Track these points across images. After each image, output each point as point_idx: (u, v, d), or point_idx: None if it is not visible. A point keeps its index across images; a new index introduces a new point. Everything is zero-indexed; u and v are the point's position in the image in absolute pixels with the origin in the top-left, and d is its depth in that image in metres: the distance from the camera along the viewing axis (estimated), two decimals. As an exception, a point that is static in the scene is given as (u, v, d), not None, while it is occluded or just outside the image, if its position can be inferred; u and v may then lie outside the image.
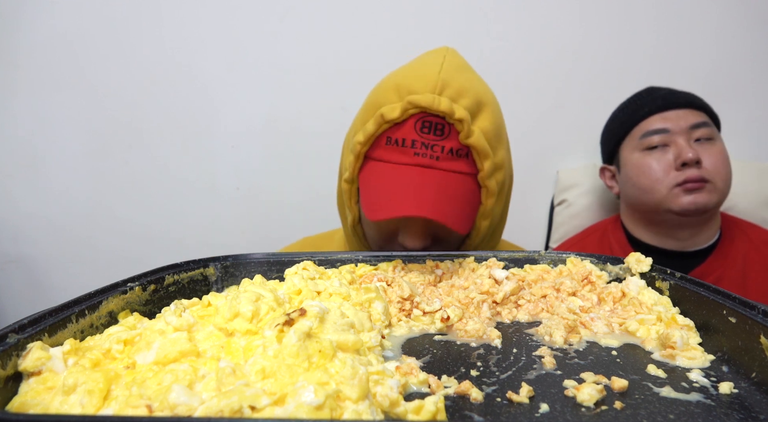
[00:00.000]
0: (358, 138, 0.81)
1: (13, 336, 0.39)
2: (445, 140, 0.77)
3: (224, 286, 0.67)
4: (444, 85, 0.77)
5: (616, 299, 0.59)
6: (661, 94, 1.21)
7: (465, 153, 0.78)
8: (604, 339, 0.51)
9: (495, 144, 0.80)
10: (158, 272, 0.59)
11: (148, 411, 0.32)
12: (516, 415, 0.37)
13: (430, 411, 0.35)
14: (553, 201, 1.58)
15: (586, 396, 0.38)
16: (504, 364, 0.45)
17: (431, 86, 0.77)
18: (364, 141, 0.80)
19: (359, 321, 0.47)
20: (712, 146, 1.16)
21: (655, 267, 0.61)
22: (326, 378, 0.35)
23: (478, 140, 0.77)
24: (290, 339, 0.37)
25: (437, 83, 0.77)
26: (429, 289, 0.62)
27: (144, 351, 0.40)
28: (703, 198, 1.12)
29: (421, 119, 0.77)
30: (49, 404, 0.35)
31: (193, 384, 0.35)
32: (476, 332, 0.51)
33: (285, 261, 0.69)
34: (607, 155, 1.33)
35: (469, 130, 0.76)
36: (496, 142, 0.81)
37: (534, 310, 0.58)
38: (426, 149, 0.77)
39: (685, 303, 0.54)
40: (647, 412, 0.36)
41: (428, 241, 0.82)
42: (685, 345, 0.46)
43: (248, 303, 0.45)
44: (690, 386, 0.41)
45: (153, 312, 0.55)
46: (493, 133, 0.80)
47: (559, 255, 0.70)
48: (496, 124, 0.81)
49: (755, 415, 0.36)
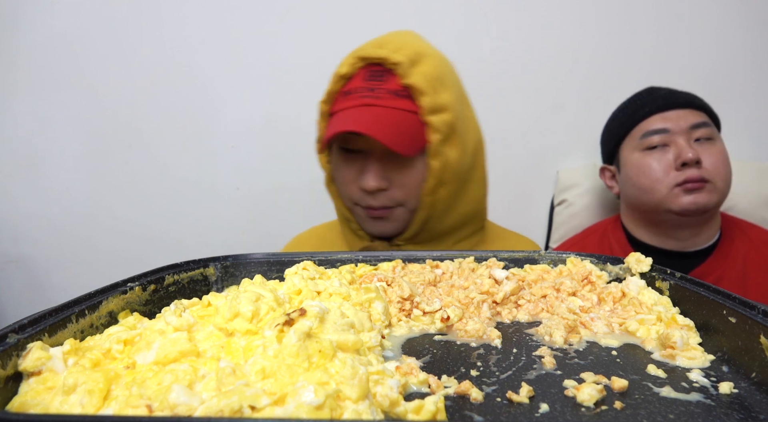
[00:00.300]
0: (321, 99, 0.94)
1: (13, 336, 0.39)
2: (385, 83, 0.88)
3: (224, 286, 0.67)
4: (387, 41, 0.91)
5: (616, 299, 0.59)
6: (661, 94, 1.21)
7: (406, 94, 0.88)
8: (604, 339, 0.51)
9: (436, 86, 0.88)
10: (158, 272, 0.59)
11: (148, 411, 0.32)
12: (516, 415, 0.37)
13: (430, 410, 0.35)
14: (553, 201, 1.58)
15: (586, 396, 0.38)
16: (504, 364, 0.45)
17: (376, 43, 0.92)
18: (326, 99, 0.93)
19: (359, 321, 0.47)
20: (712, 146, 1.16)
21: (655, 267, 0.61)
22: (326, 378, 0.35)
23: (416, 80, 0.86)
24: (290, 339, 0.37)
25: (382, 40, 0.92)
26: (429, 289, 0.62)
27: (144, 351, 0.40)
28: (703, 198, 1.12)
29: (367, 69, 0.90)
30: (49, 404, 0.35)
31: (193, 384, 0.35)
32: (476, 332, 0.51)
33: (285, 261, 0.69)
34: (607, 155, 1.33)
35: (406, 72, 0.86)
36: (438, 85, 0.88)
37: (534, 310, 0.58)
38: (369, 92, 0.88)
39: (685, 303, 0.54)
40: (647, 412, 0.36)
41: (384, 182, 0.90)
42: (685, 345, 0.46)
43: (248, 303, 0.45)
44: (690, 386, 0.41)
45: (153, 312, 0.55)
46: (434, 76, 0.88)
47: (559, 255, 0.70)
48: (438, 70, 0.90)
49: (755, 415, 0.36)
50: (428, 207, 0.92)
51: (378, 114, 0.86)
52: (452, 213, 0.96)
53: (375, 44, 0.91)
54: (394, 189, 0.91)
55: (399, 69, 0.86)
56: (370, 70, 0.89)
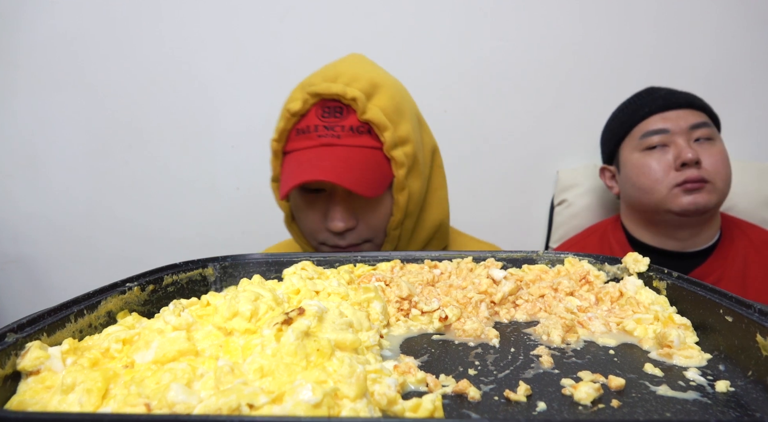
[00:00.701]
0: (272, 137, 0.90)
1: (12, 335, 0.39)
2: (343, 120, 0.85)
3: (223, 287, 0.67)
4: (338, 74, 0.86)
5: (613, 299, 0.59)
6: (661, 94, 1.21)
7: (366, 129, 0.85)
8: (602, 339, 0.51)
9: (395, 118, 0.86)
10: (157, 272, 0.60)
11: (146, 409, 0.32)
12: (513, 414, 0.37)
13: (428, 409, 0.35)
14: (553, 201, 1.58)
15: (584, 395, 0.38)
16: (502, 363, 0.45)
17: (327, 76, 0.87)
18: (278, 137, 0.89)
19: (357, 320, 0.47)
20: (712, 146, 1.16)
21: (653, 267, 0.62)
22: (324, 376, 0.35)
23: (375, 114, 0.83)
24: (288, 338, 0.38)
25: (332, 73, 0.87)
26: (427, 289, 0.62)
27: (143, 351, 0.40)
28: (703, 198, 1.12)
29: (321, 106, 0.86)
30: (48, 403, 0.35)
31: (192, 383, 0.35)
32: (474, 331, 0.52)
33: (283, 261, 0.69)
34: (607, 155, 1.33)
35: (364, 107, 0.83)
36: (397, 117, 0.86)
37: (532, 310, 0.59)
38: (327, 130, 0.84)
39: (682, 303, 0.55)
40: (644, 410, 0.36)
41: (351, 221, 0.87)
42: (682, 344, 0.46)
43: (247, 303, 0.45)
44: (687, 384, 0.41)
45: (151, 313, 0.56)
46: (392, 109, 0.85)
47: (557, 255, 0.70)
48: (395, 101, 0.87)
49: (751, 413, 0.36)
50: (395, 239, 0.91)
51: (341, 156, 0.82)
52: (416, 239, 0.95)
53: (326, 78, 0.86)
54: (361, 227, 0.89)
55: (356, 104, 0.83)
56: (325, 106, 0.85)
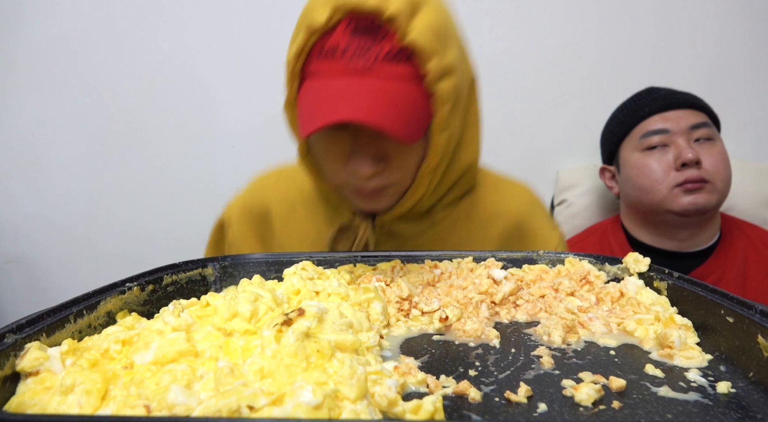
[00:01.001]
0: (289, 53, 0.73)
1: (11, 336, 0.39)
2: (379, 42, 0.68)
3: (223, 287, 0.67)
4: None
5: (614, 299, 0.59)
6: (661, 95, 1.21)
7: (406, 56, 0.68)
8: (602, 339, 0.51)
9: (442, 42, 0.69)
10: (156, 272, 0.59)
11: (146, 411, 0.32)
12: (514, 415, 0.37)
13: (428, 410, 0.35)
14: (553, 201, 1.58)
15: (584, 396, 0.38)
16: (502, 364, 0.45)
17: None
18: (296, 55, 0.71)
19: (358, 321, 0.47)
20: (712, 146, 1.16)
21: (653, 267, 0.61)
22: (324, 377, 0.35)
23: (419, 38, 0.66)
24: (288, 339, 0.38)
25: None
26: (427, 289, 0.62)
27: (142, 351, 0.40)
28: (703, 198, 1.12)
29: (352, 22, 0.68)
30: (47, 404, 0.35)
31: (192, 384, 0.35)
32: (474, 332, 0.51)
33: (283, 261, 0.69)
34: (607, 155, 1.33)
35: (406, 28, 0.67)
36: (444, 41, 0.70)
37: (532, 310, 0.58)
38: (360, 54, 0.68)
39: (683, 303, 0.54)
40: (645, 412, 0.36)
41: (378, 165, 0.73)
42: (683, 344, 0.46)
43: (247, 303, 0.45)
44: (688, 385, 0.41)
45: (151, 313, 0.55)
46: (439, 31, 0.69)
47: (557, 255, 0.70)
48: (442, 20, 0.71)
49: (753, 414, 0.36)
50: (425, 185, 0.78)
51: (378, 91, 0.68)
52: (443, 183, 0.83)
53: None
54: (389, 170, 0.75)
55: (395, 24, 0.67)
56: (357, 24, 0.69)
